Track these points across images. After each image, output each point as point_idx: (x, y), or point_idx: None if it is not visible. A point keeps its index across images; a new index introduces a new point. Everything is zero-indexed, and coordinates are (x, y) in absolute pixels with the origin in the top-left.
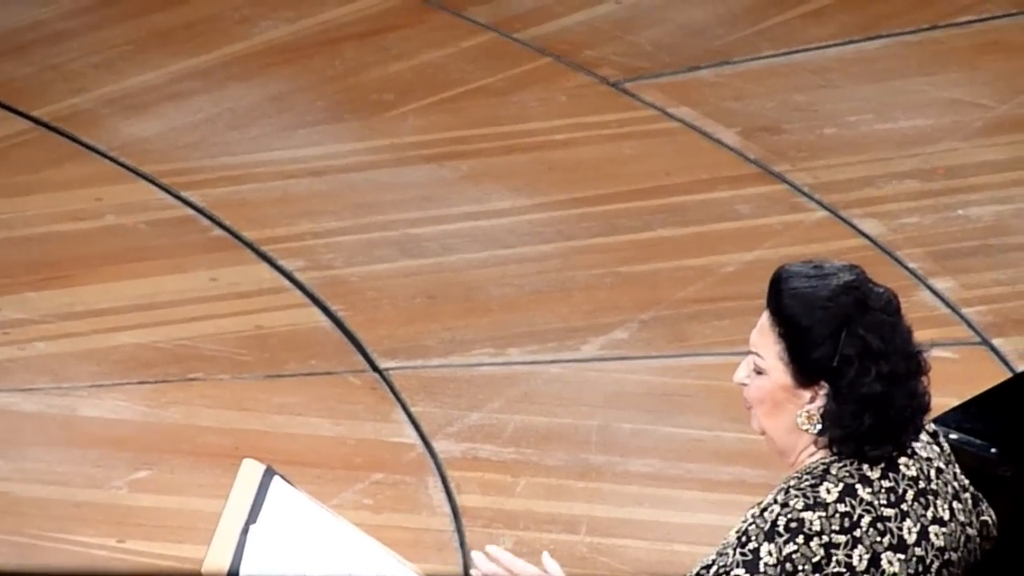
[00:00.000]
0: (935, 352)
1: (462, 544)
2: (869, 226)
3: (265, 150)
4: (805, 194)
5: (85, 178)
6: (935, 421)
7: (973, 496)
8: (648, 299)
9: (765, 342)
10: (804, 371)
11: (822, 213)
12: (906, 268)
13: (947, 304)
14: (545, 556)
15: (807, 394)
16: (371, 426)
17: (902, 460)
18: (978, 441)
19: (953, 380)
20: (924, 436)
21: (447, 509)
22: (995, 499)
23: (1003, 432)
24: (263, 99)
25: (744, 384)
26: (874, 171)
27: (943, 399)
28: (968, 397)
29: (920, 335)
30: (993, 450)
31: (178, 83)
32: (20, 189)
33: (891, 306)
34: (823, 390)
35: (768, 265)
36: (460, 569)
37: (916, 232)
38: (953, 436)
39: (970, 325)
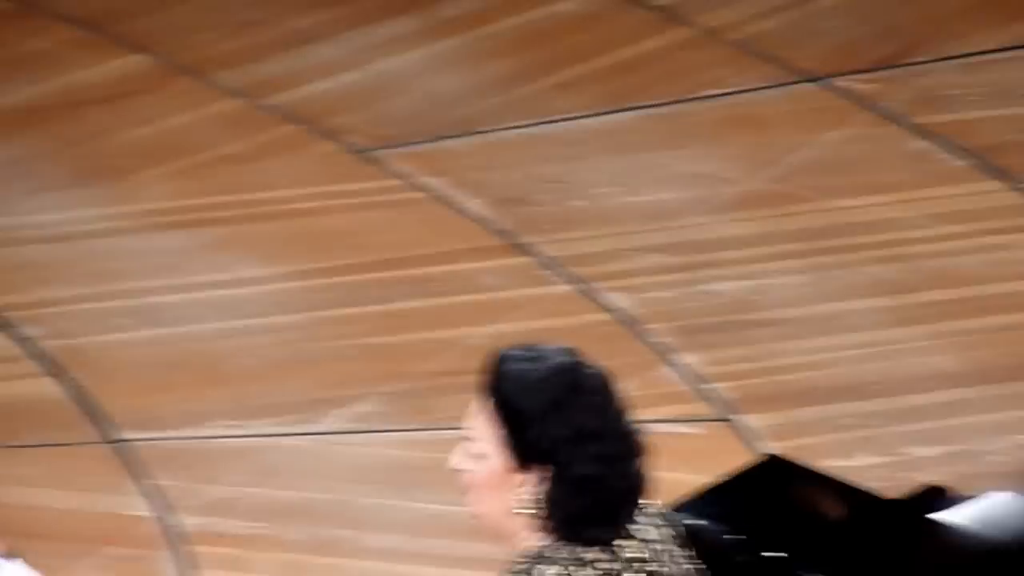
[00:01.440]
0: (679, 428)
1: None
2: (615, 300)
3: (3, 215)
4: (551, 267)
5: None
6: (678, 505)
7: None
8: (393, 371)
9: (480, 426)
10: (519, 454)
11: (568, 286)
12: (651, 343)
13: (692, 380)
14: None
15: (523, 477)
16: (107, 499)
17: (621, 542)
18: (714, 527)
19: (697, 456)
20: (649, 517)
21: None
22: None
23: (740, 518)
24: (1, 163)
25: (461, 470)
26: (621, 244)
27: (687, 475)
28: (712, 473)
29: (664, 411)
30: (729, 536)
31: None
32: None
33: (605, 387)
34: (539, 473)
35: (512, 339)
36: None
37: (662, 307)
38: (690, 521)
39: (714, 401)
